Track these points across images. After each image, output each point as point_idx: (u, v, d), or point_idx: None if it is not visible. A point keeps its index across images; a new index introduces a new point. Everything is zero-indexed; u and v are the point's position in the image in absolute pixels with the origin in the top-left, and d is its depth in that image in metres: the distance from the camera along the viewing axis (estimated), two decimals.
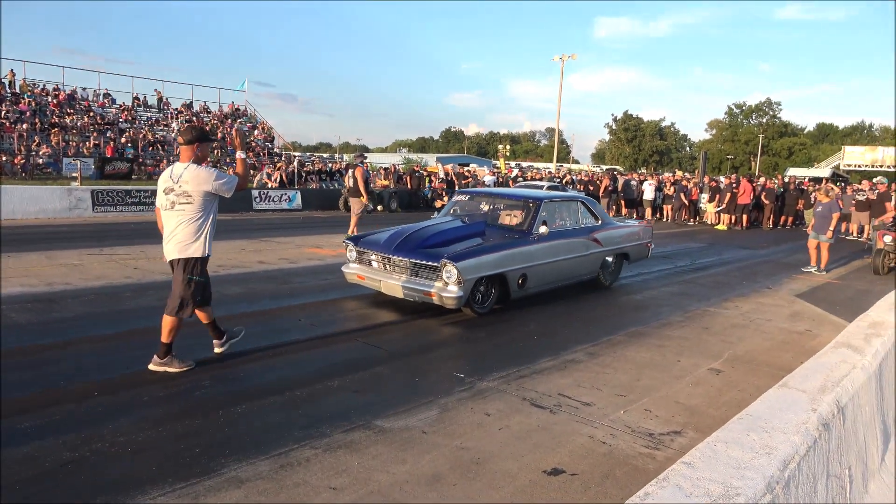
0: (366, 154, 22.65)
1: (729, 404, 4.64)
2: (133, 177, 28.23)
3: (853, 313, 4.85)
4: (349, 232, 12.81)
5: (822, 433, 2.18)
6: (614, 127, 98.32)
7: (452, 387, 4.75)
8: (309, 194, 22.22)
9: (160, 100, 38.39)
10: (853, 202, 19.17)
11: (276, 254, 10.84)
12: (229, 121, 40.29)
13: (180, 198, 4.61)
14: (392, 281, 7.01)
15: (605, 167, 66.67)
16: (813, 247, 11.70)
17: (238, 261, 9.87)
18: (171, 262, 4.73)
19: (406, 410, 4.25)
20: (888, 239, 11.69)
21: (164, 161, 31.88)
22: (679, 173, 30.74)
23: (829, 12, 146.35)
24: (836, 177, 48.07)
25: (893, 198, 17.13)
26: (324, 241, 12.80)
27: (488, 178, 28.34)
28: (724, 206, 20.61)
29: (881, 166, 54.60)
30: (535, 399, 4.58)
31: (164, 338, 4.71)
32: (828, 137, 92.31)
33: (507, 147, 56.13)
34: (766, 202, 21.61)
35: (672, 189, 23.02)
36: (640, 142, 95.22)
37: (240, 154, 4.91)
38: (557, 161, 49.80)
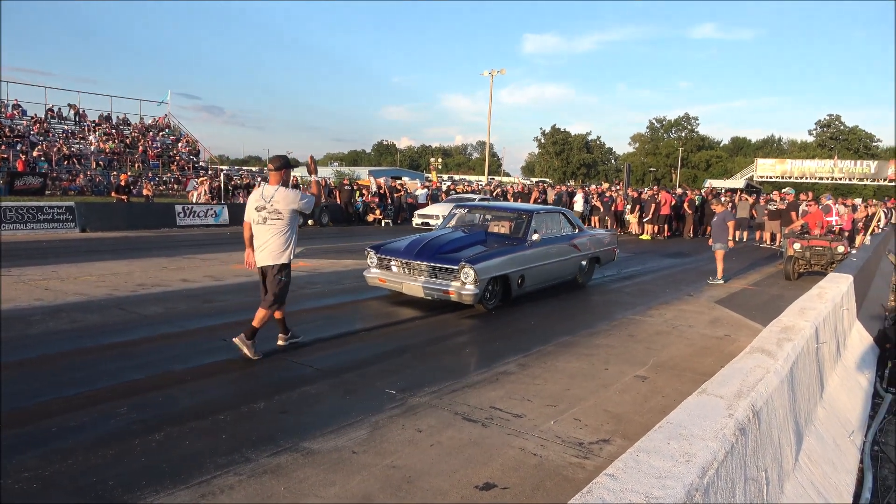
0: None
1: (654, 410, 4.76)
2: (47, 192, 26.80)
3: (768, 318, 5.07)
4: None
5: (739, 438, 2.24)
6: (543, 140, 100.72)
7: (383, 404, 4.68)
8: (237, 209, 21.44)
9: (76, 112, 36.64)
10: (766, 211, 20.24)
11: (201, 271, 10.46)
12: (151, 133, 38.87)
13: (272, 214, 5.49)
14: (413, 283, 7.91)
15: (535, 180, 68.09)
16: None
17: (159, 279, 9.47)
18: (263, 268, 5.62)
19: (335, 430, 4.15)
20: (797, 246, 12.37)
21: (82, 175, 30.39)
22: (605, 185, 31.76)
23: (739, 32, 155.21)
24: (750, 187, 50.71)
25: (800, 207, 18.20)
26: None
27: (420, 192, 28.38)
28: (649, 216, 21.38)
29: (790, 177, 58.23)
30: (466, 413, 4.56)
31: (256, 323, 5.56)
32: (742, 150, 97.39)
33: (439, 160, 56.51)
34: (689, 212, 22.56)
35: (598, 201, 23.75)
36: (569, 155, 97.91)
37: (314, 177, 5.94)
38: (489, 174, 50.50)
